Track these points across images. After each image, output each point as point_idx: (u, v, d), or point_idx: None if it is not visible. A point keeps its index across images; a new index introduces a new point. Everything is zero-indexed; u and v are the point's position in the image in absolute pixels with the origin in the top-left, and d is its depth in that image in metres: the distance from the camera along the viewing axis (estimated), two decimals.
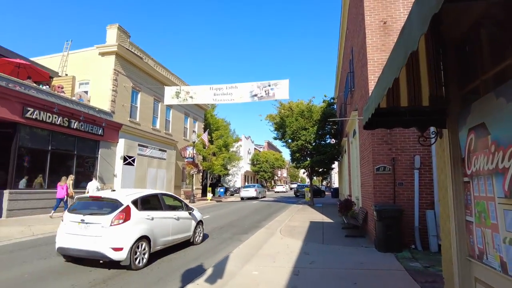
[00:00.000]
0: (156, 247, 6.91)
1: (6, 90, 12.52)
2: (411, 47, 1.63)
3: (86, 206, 6.75)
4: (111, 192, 7.35)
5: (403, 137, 7.97)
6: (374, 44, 8.56)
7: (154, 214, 7.01)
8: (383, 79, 2.49)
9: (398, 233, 7.11)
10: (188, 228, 8.19)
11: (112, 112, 18.69)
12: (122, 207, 6.36)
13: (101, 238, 5.97)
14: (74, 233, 6.19)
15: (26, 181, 13.67)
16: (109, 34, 19.42)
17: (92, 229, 6.08)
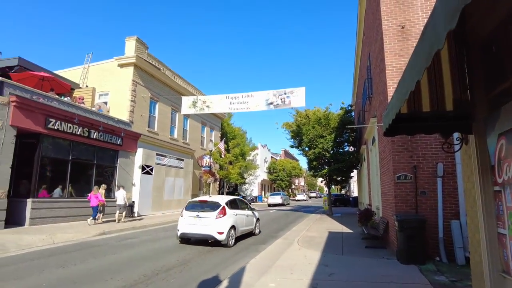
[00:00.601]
0: (237, 234, 10.35)
1: (31, 102, 12.96)
2: (436, 45, 1.51)
3: (197, 206, 10.37)
4: (211, 197, 11.45)
5: (424, 144, 7.68)
6: (392, 49, 8.36)
7: (237, 212, 10.65)
8: (404, 82, 2.36)
9: (421, 244, 6.79)
10: (252, 223, 11.86)
11: (130, 122, 19.04)
12: (221, 207, 9.94)
13: (210, 226, 9.51)
14: (192, 223, 9.76)
15: (48, 190, 14.01)
16: (127, 46, 19.91)
17: (204, 220, 9.66)
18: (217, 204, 10.13)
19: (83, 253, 8.34)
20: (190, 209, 10.24)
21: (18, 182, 13.55)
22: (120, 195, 15.10)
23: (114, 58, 19.84)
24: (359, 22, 15.71)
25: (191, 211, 10.07)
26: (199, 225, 9.67)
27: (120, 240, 10.61)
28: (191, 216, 9.89)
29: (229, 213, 10.05)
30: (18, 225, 12.60)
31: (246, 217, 11.34)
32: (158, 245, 9.62)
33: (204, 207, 10.24)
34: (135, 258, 7.79)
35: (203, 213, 9.82)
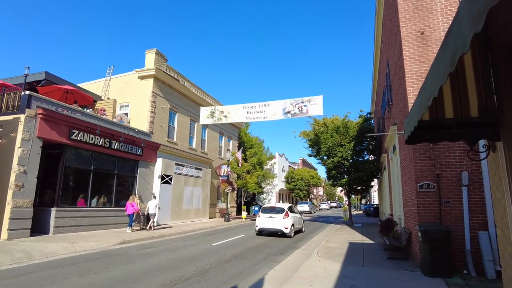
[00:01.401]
0: (294, 230, 15.00)
1: (56, 114, 13.43)
2: (461, 49, 1.45)
3: (268, 210, 15.30)
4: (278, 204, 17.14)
5: (447, 151, 7.44)
6: (411, 55, 8.20)
7: (293, 215, 15.38)
8: (426, 88, 2.28)
9: (446, 256, 6.51)
10: (301, 223, 16.97)
11: (150, 133, 19.40)
12: (285, 211, 14.80)
13: (280, 223, 14.27)
14: (266, 222, 14.70)
15: (71, 199, 14.39)
16: (147, 58, 20.43)
17: (275, 220, 14.50)
18: (283, 209, 15.32)
19: (104, 262, 8.46)
20: (264, 212, 15.48)
21: (43, 192, 14.00)
22: (152, 204, 16.26)
23: (134, 71, 20.38)
24: (376, 29, 15.56)
25: (265, 213, 15.31)
26: (272, 222, 14.71)
27: (139, 249, 10.71)
28: (265, 216, 15.04)
29: (290, 215, 14.99)
30: (42, 233, 12.96)
31: (298, 219, 16.55)
32: (177, 254, 9.64)
33: (274, 211, 15.31)
34: (154, 267, 7.83)
35: (274, 215, 14.85)
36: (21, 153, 12.07)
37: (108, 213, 16.01)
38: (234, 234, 15.15)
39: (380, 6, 13.60)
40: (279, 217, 14.67)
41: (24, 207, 12.03)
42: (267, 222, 14.83)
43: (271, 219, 14.80)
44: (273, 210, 15.40)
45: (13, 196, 11.72)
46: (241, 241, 12.92)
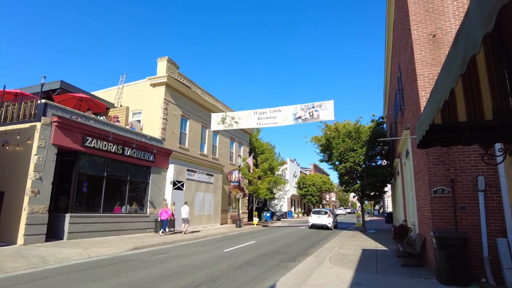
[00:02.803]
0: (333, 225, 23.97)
1: (70, 121, 13.72)
2: (471, 50, 1.41)
3: (317, 212, 24.74)
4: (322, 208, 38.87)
5: (462, 156, 7.27)
6: (423, 58, 8.09)
7: (332, 216, 24.81)
8: (437, 91, 2.24)
9: (463, 263, 6.32)
10: (335, 221, 25.45)
11: (162, 139, 19.61)
12: (328, 212, 24.27)
13: (325, 220, 23.30)
14: (316, 219, 23.86)
15: (85, 205, 14.62)
16: (159, 66, 20.73)
17: (322, 218, 23.63)
18: (326, 211, 24.54)
19: (116, 267, 8.53)
20: (314, 213, 24.65)
21: (57, 198, 14.27)
22: (184, 210, 17.70)
23: (146, 78, 20.70)
24: (387, 33, 15.44)
25: (315, 214, 24.40)
26: (320, 220, 23.49)
27: (151, 255, 10.77)
28: (315, 216, 24.05)
29: (331, 216, 23.84)
30: (57, 238, 13.18)
31: (335, 218, 25.70)
32: (188, 261, 9.65)
33: (321, 212, 24.45)
34: (166, 273, 7.84)
35: (321, 215, 23.87)
36: (37, 160, 12.35)
37: (121, 219, 16.18)
38: (246, 241, 15.09)
39: (390, 10, 13.51)
40: (324, 217, 23.92)
41: (39, 213, 12.28)
42: (316, 219, 23.98)
43: (319, 217, 23.97)
44: (320, 212, 24.81)
45: (29, 202, 11.97)
46: (252, 247, 12.85)
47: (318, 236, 17.83)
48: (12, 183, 12.62)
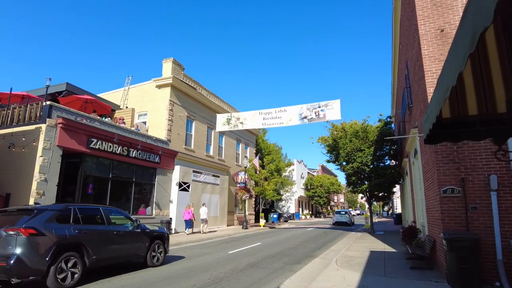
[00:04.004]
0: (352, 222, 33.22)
1: (75, 123, 13.74)
2: (482, 22, 1.23)
3: (339, 212, 34.16)
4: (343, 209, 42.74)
5: (473, 154, 6.99)
6: (431, 54, 7.84)
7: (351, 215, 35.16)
8: (443, 77, 2.05)
9: (476, 266, 6.05)
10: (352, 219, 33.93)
11: (168, 141, 19.57)
12: (348, 212, 33.82)
13: (346, 218, 31.56)
14: (339, 217, 32.16)
15: None
16: (164, 67, 20.72)
17: (343, 216, 32.01)
18: (346, 211, 33.74)
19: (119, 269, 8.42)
20: (336, 213, 33.87)
21: (63, 199, 14.27)
22: (203, 211, 18.94)
23: (152, 80, 20.71)
24: (394, 30, 15.16)
25: (337, 214, 33.38)
26: (342, 218, 31.72)
27: None
28: (338, 215, 32.75)
29: (350, 215, 33.33)
30: None
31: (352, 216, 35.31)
32: (192, 263, 9.51)
33: (342, 212, 33.58)
34: (168, 275, 7.71)
35: (342, 214, 32.55)
36: (42, 161, 12.37)
37: None
38: (251, 242, 14.91)
39: (397, 6, 13.24)
40: (345, 215, 32.15)
41: None
42: (339, 218, 32.17)
43: (340, 216, 32.39)
44: (341, 212, 33.74)
45: (34, 204, 11.97)
46: (257, 249, 12.67)
47: (325, 238, 17.55)
48: (18, 184, 12.67)
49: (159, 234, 9.31)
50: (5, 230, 6.05)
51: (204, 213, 18.92)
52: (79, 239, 6.80)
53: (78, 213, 7.19)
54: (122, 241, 7.97)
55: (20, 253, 5.86)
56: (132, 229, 8.40)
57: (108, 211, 8.22)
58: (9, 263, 5.75)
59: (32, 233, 6.06)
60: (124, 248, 8.01)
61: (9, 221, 6.42)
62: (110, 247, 7.56)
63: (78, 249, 6.76)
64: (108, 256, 7.47)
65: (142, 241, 8.60)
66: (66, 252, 6.49)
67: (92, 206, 8.40)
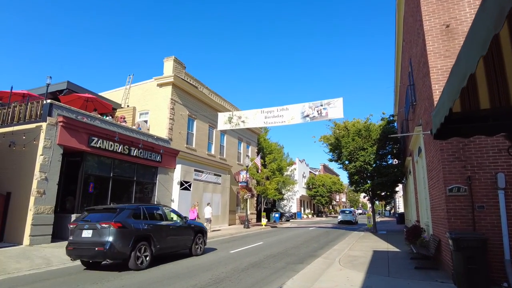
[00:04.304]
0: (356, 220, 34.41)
1: (76, 122, 13.65)
2: None
3: (343, 211, 35.03)
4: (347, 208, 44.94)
5: (479, 151, 6.84)
6: (436, 50, 7.69)
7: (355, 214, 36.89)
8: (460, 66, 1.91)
9: (483, 267, 5.90)
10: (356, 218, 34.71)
11: (169, 140, 19.47)
12: (352, 211, 35.17)
13: (350, 217, 32.79)
14: (344, 216, 33.21)
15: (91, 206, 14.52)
16: (166, 66, 20.62)
17: (347, 215, 33.18)
18: (351, 210, 35.23)
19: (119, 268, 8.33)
20: (341, 212, 34.76)
21: (64, 198, 14.21)
22: (207, 210, 19.18)
23: (153, 78, 20.62)
24: (397, 27, 15.00)
25: (342, 213, 34.25)
26: (346, 217, 32.77)
27: None
28: (343, 214, 33.81)
29: (355, 214, 34.96)
30: (63, 239, 13.06)
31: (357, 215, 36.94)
32: (193, 262, 9.41)
33: (347, 211, 34.33)
34: (169, 275, 7.61)
35: (347, 213, 33.57)
36: (42, 160, 12.29)
37: None
38: (253, 242, 14.80)
39: (400, 2, 13.08)
40: (349, 215, 33.44)
41: (45, 213, 12.21)
42: (343, 217, 33.24)
43: (345, 215, 33.40)
44: (346, 211, 34.67)
45: (35, 203, 11.91)
46: (259, 248, 12.56)
47: (327, 237, 17.42)
48: (19, 183, 12.59)
49: (200, 229, 11.26)
50: (100, 224, 7.98)
51: (208, 213, 19.12)
52: (148, 231, 8.74)
53: (145, 211, 9.20)
54: (176, 234, 9.95)
55: (112, 241, 7.76)
56: (181, 224, 10.31)
57: (164, 208, 10.50)
58: (105, 248, 7.65)
59: (119, 226, 7.98)
60: (177, 240, 9.96)
61: (98, 217, 8.40)
62: (168, 239, 9.49)
63: (148, 239, 8.68)
64: (166, 246, 9.38)
65: (189, 234, 10.52)
66: (141, 241, 8.38)
67: (154, 205, 10.62)
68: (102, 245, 7.68)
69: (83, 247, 8.02)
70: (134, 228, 8.32)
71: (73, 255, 8.26)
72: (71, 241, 8.32)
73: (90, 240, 8.00)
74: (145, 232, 8.61)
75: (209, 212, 19.18)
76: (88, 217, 8.72)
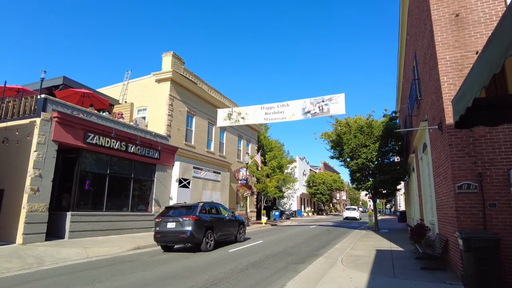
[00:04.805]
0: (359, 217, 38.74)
1: (71, 117, 13.30)
2: None
3: (349, 208, 40.35)
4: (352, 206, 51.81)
5: (491, 147, 6.50)
6: (444, 41, 7.33)
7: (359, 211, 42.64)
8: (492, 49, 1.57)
9: (496, 268, 5.57)
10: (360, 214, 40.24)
11: (168, 136, 19.13)
12: (357, 208, 41.54)
13: (355, 214, 37.55)
14: (349, 213, 37.90)
15: (87, 203, 14.21)
16: (164, 61, 20.25)
17: (352, 212, 37.92)
18: (355, 208, 40.65)
19: (113, 269, 8.01)
20: (347, 209, 40.12)
21: (60, 196, 13.89)
22: None
23: (151, 74, 20.25)
24: (401, 21, 14.61)
25: (347, 210, 39.63)
26: (350, 214, 37.47)
27: (153, 255, 10.25)
28: (348, 211, 38.61)
29: (358, 211, 39.84)
30: (58, 237, 12.78)
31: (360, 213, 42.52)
32: (190, 262, 9.09)
33: (351, 208, 39.73)
34: (164, 276, 7.29)
35: (352, 210, 38.63)
36: (36, 156, 11.95)
37: (125, 217, 15.75)
38: (253, 240, 14.48)
39: None
40: (354, 211, 37.87)
41: (39, 211, 11.88)
42: (348, 213, 37.36)
43: (350, 212, 37.73)
44: (351, 208, 39.47)
45: (28, 200, 11.58)
46: (259, 247, 12.24)
47: (329, 236, 17.10)
48: (12, 180, 12.25)
49: (242, 221, 14.62)
50: (182, 218, 10.89)
51: None
52: (212, 222, 11.66)
53: (208, 207, 12.27)
54: (228, 225, 13.09)
55: (192, 230, 10.60)
56: (230, 217, 13.39)
57: (218, 205, 13.70)
58: (187, 235, 10.54)
59: (196, 219, 10.85)
60: (228, 229, 13.12)
61: (178, 213, 11.39)
62: (223, 228, 12.52)
63: (212, 228, 11.56)
64: (223, 234, 12.40)
65: (235, 226, 13.76)
66: (208, 230, 11.29)
67: (212, 203, 13.51)
68: (184, 233, 10.56)
69: (169, 235, 10.88)
70: (204, 220, 11.24)
71: (160, 241, 11.21)
72: (157, 231, 11.11)
73: (174, 230, 10.84)
74: (210, 223, 11.55)
75: None
76: (170, 212, 11.61)
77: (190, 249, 11.27)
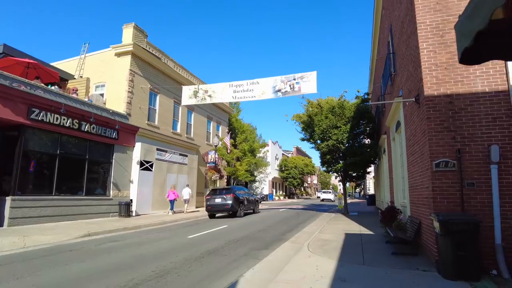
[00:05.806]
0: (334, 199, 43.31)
1: (10, 89, 11.67)
2: None
3: (325, 191, 51.43)
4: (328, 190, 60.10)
5: (471, 120, 5.89)
6: (425, 3, 6.57)
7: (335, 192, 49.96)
8: None
9: (474, 254, 5.01)
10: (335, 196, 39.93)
11: (128, 115, 17.69)
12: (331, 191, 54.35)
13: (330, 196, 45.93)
14: (326, 195, 46.74)
15: (32, 187, 12.73)
16: (125, 33, 18.57)
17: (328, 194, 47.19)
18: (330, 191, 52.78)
19: (46, 260, 6.89)
20: (323, 192, 50.23)
21: (0, 178, 12.35)
22: (186, 191, 19.96)
23: (110, 47, 18.53)
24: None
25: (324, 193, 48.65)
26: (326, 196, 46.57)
27: (101, 243, 9.15)
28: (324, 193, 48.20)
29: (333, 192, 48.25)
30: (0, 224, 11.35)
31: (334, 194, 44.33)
32: (141, 250, 8.10)
33: (327, 191, 50.11)
34: (105, 267, 6.28)
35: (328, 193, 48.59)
36: None
37: (79, 201, 14.42)
38: (217, 225, 13.64)
39: None
40: (330, 194, 46.92)
41: None
42: (324, 196, 46.05)
43: (326, 194, 46.81)
44: (327, 191, 50.37)
45: None
46: (222, 232, 11.41)
47: (297, 219, 16.58)
48: None
49: (258, 199, 22.29)
50: (225, 195, 16.76)
51: (187, 194, 19.90)
52: (243, 199, 18.13)
53: (238, 190, 18.53)
54: (250, 201, 19.38)
55: (232, 203, 16.61)
56: (250, 196, 20.23)
57: (244, 188, 21.20)
58: (229, 206, 16.59)
59: (234, 196, 16.92)
60: (250, 204, 19.40)
61: (222, 192, 17.19)
62: (248, 203, 18.78)
63: (243, 203, 17.91)
64: (248, 207, 18.81)
65: (254, 202, 20.38)
66: (240, 204, 17.56)
67: (240, 186, 22.47)
68: (228, 205, 16.56)
69: (217, 207, 16.86)
70: (238, 197, 17.31)
71: (210, 211, 17.10)
72: (208, 204, 16.97)
73: (220, 203, 16.69)
74: (242, 199, 17.71)
75: (187, 193, 19.93)
76: (217, 192, 17.39)
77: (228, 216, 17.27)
